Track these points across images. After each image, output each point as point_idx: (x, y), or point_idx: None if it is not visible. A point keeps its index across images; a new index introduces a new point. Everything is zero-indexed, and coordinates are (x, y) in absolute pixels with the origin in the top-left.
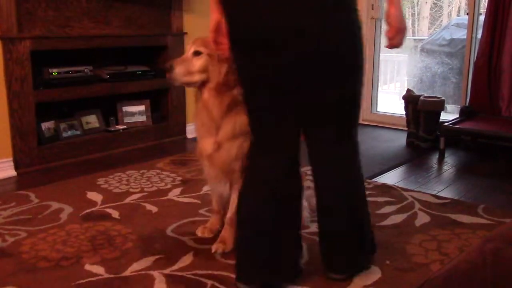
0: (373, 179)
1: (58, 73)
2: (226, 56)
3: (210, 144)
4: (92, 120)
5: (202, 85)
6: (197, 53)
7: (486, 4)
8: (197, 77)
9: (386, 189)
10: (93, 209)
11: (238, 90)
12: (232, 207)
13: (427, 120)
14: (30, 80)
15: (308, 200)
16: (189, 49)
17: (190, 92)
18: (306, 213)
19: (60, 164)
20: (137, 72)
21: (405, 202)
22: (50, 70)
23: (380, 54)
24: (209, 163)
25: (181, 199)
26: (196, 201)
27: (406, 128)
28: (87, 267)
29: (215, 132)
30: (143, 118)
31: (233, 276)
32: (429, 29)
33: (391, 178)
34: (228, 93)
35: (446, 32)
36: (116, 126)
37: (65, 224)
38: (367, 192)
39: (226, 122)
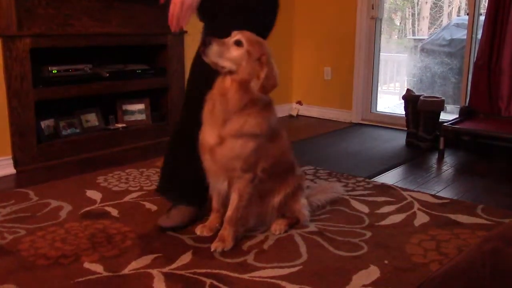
0: (373, 179)
1: (57, 71)
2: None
3: (213, 136)
4: (91, 119)
5: (227, 73)
6: (238, 43)
7: (486, 5)
8: (227, 64)
9: (385, 189)
10: (92, 207)
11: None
12: (232, 206)
13: (427, 120)
14: (29, 78)
15: (309, 199)
16: (233, 36)
17: None
18: (306, 212)
19: (59, 162)
20: (137, 71)
21: (404, 202)
22: (49, 68)
23: (380, 54)
24: (211, 157)
25: None
26: None
27: (405, 128)
28: (86, 265)
29: (221, 123)
30: (142, 116)
31: (232, 274)
32: (429, 29)
33: (391, 178)
34: (250, 93)
35: (446, 32)
36: (116, 125)
37: (64, 222)
38: (365, 192)
39: (237, 119)
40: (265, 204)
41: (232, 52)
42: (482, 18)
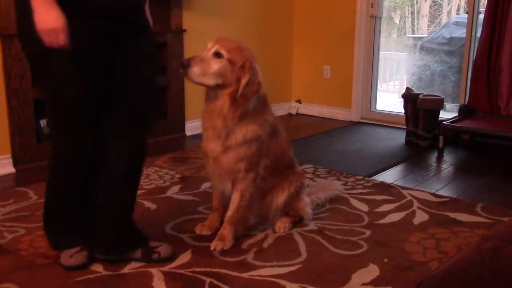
0: (372, 177)
1: None
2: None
3: (217, 146)
4: None
5: (216, 88)
6: (217, 55)
7: (485, 3)
8: (212, 80)
9: (384, 187)
10: None
11: (251, 101)
12: (233, 205)
13: (426, 118)
14: (29, 77)
15: (308, 197)
16: (210, 48)
17: (189, 90)
18: (309, 210)
19: None
20: None
21: (403, 201)
22: None
23: (380, 52)
24: (215, 163)
25: (179, 197)
26: (195, 198)
27: (405, 127)
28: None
29: (224, 136)
30: None
31: (232, 273)
32: (428, 27)
33: (390, 176)
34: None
35: (445, 31)
36: None
37: None
38: (365, 190)
39: (238, 130)
40: (267, 203)
41: (213, 66)
42: (482, 16)
